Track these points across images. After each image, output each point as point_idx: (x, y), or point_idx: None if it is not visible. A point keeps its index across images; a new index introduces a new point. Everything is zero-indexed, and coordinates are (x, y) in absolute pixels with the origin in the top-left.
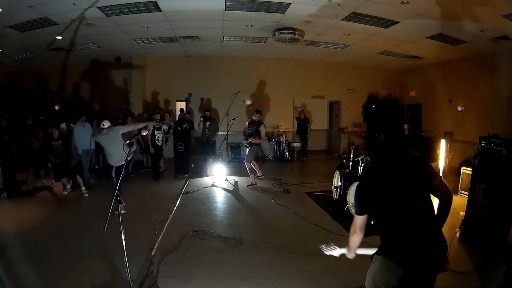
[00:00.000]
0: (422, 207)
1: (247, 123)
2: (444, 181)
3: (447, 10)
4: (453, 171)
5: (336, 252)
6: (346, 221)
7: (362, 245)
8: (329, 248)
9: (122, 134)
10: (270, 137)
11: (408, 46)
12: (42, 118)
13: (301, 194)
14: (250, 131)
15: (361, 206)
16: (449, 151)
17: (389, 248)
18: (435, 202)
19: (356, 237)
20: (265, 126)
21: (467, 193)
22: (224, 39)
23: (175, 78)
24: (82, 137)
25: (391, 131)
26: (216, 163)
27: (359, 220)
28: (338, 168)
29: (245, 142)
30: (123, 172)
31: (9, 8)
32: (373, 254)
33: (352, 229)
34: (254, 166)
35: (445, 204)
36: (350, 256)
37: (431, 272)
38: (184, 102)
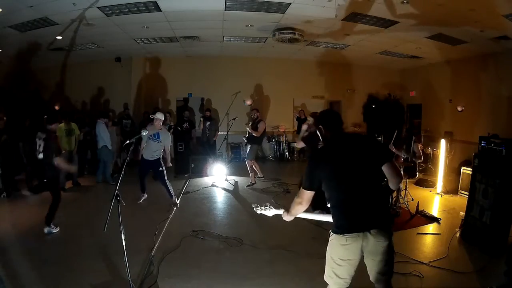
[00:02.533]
0: (367, 181)
1: (249, 126)
2: (396, 165)
3: (447, 10)
4: (453, 171)
5: (270, 212)
6: None
7: None
8: (262, 208)
9: None
10: (270, 137)
11: (408, 46)
12: (45, 117)
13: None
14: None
15: (310, 181)
16: (449, 151)
17: (339, 226)
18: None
19: (300, 207)
20: (265, 123)
21: (467, 193)
22: (224, 39)
23: (175, 78)
24: (104, 134)
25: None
26: (216, 163)
27: (307, 194)
28: None
29: (244, 139)
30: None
31: (9, 8)
32: (330, 233)
33: (298, 200)
34: (254, 166)
35: (393, 184)
36: (287, 218)
37: (385, 244)
38: (183, 102)
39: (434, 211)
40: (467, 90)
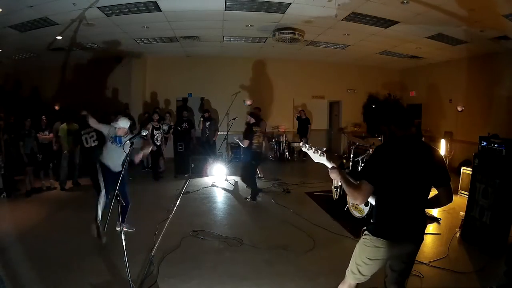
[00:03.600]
0: (422, 195)
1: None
2: (451, 191)
3: (447, 10)
4: (453, 171)
5: (316, 156)
6: (346, 221)
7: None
8: (312, 148)
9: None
10: (270, 137)
11: (408, 46)
12: (43, 117)
13: (301, 194)
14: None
15: (375, 173)
16: (449, 151)
17: (381, 230)
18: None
19: (355, 199)
20: (258, 128)
21: (467, 193)
22: (224, 39)
23: (175, 78)
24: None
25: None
26: (216, 163)
27: (368, 188)
28: None
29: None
30: (122, 172)
31: (9, 8)
32: (363, 230)
33: (356, 193)
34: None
35: (442, 205)
36: (333, 177)
37: (414, 252)
38: (182, 102)
39: (434, 211)
40: (467, 90)
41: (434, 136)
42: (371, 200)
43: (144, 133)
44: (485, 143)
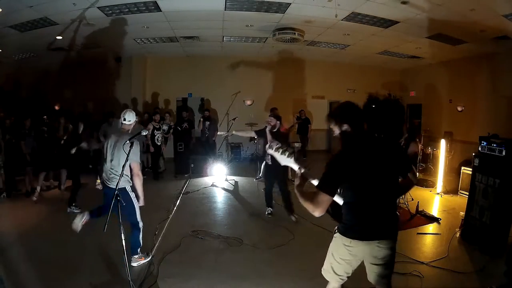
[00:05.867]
0: (390, 192)
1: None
2: (415, 171)
3: (447, 10)
4: (453, 171)
5: (283, 158)
6: None
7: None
8: (280, 149)
9: None
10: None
11: (408, 46)
12: (45, 117)
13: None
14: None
15: (333, 184)
16: (449, 151)
17: (349, 228)
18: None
19: (313, 211)
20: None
21: (467, 193)
22: (224, 39)
23: (175, 78)
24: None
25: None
26: (216, 163)
27: (326, 200)
28: None
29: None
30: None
31: (9, 8)
32: (335, 229)
33: (313, 206)
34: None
35: (407, 190)
36: (296, 186)
37: (389, 251)
38: (182, 102)
39: (434, 211)
40: (467, 90)
41: (434, 136)
42: (338, 200)
43: (144, 133)
44: (485, 143)
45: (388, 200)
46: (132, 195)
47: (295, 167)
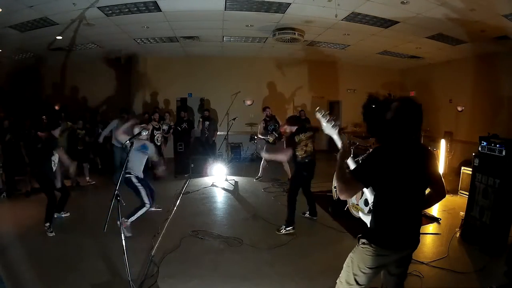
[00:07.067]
0: (419, 198)
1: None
2: (443, 179)
3: (447, 10)
4: (453, 171)
5: (328, 127)
6: (346, 221)
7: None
8: (326, 116)
9: None
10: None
11: (408, 46)
12: (44, 117)
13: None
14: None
15: (368, 174)
16: (449, 151)
17: (382, 237)
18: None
19: (343, 194)
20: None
21: (467, 193)
22: (224, 39)
23: (175, 78)
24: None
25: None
26: (216, 163)
27: (357, 187)
28: None
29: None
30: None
31: (9, 8)
32: (359, 237)
33: (345, 188)
34: (262, 163)
35: (436, 201)
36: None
37: (411, 255)
38: (181, 102)
39: (434, 211)
40: (467, 90)
41: (434, 136)
42: (369, 195)
43: (144, 133)
44: (485, 143)
45: (419, 208)
46: (138, 183)
47: (337, 139)
